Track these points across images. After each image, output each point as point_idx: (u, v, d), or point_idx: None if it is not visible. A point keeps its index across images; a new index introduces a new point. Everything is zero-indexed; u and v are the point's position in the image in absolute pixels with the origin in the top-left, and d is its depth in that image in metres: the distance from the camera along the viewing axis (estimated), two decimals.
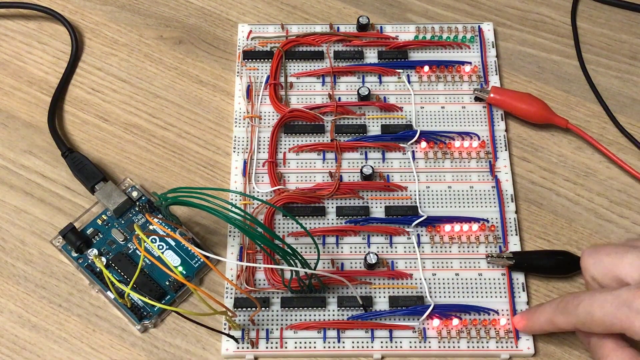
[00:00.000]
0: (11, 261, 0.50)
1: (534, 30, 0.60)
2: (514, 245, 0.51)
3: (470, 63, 0.57)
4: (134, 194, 0.52)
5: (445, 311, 0.48)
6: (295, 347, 0.47)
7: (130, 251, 0.50)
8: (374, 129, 0.55)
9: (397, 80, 0.57)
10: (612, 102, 0.57)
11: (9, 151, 0.54)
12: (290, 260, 0.44)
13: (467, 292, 0.49)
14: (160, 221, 0.50)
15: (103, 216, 0.51)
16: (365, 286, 0.49)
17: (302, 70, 0.57)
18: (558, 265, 0.50)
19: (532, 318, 0.46)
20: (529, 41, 0.59)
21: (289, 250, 0.43)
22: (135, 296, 0.48)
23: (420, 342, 0.47)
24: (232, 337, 0.47)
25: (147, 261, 0.49)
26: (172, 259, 0.50)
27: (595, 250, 0.45)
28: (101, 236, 0.50)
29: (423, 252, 0.50)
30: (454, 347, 0.47)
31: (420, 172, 0.53)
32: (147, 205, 0.51)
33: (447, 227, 0.51)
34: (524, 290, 0.49)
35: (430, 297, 0.49)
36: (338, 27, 0.59)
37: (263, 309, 0.48)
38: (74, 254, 0.50)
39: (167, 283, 0.49)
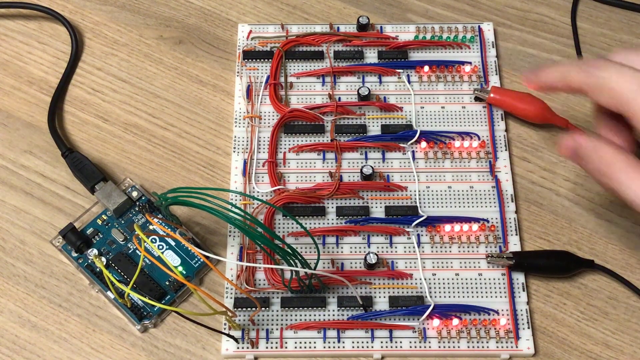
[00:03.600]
0: (11, 261, 0.50)
1: (534, 30, 0.60)
2: (514, 245, 0.51)
3: (470, 63, 0.57)
4: (134, 194, 0.52)
5: (445, 311, 0.48)
6: (295, 347, 0.47)
7: (130, 251, 0.50)
8: (374, 129, 0.55)
9: (397, 80, 0.56)
10: None
11: (9, 151, 0.54)
12: (290, 260, 0.44)
13: (467, 292, 0.49)
14: (160, 221, 0.50)
15: (103, 216, 0.51)
16: (365, 286, 0.49)
17: (302, 70, 0.57)
18: (558, 265, 0.50)
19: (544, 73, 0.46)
20: (529, 41, 0.59)
21: (289, 250, 0.43)
22: (135, 296, 0.48)
23: (420, 342, 0.47)
24: (232, 337, 0.47)
25: (147, 261, 0.49)
26: (172, 259, 0.50)
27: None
28: (101, 236, 0.50)
29: (423, 252, 0.50)
30: (454, 347, 0.47)
31: (420, 172, 0.53)
32: (147, 205, 0.51)
33: (447, 227, 0.51)
34: (524, 290, 0.49)
35: (430, 297, 0.49)
36: (338, 27, 0.59)
37: (263, 309, 0.48)
38: (74, 254, 0.50)
39: (167, 283, 0.49)
